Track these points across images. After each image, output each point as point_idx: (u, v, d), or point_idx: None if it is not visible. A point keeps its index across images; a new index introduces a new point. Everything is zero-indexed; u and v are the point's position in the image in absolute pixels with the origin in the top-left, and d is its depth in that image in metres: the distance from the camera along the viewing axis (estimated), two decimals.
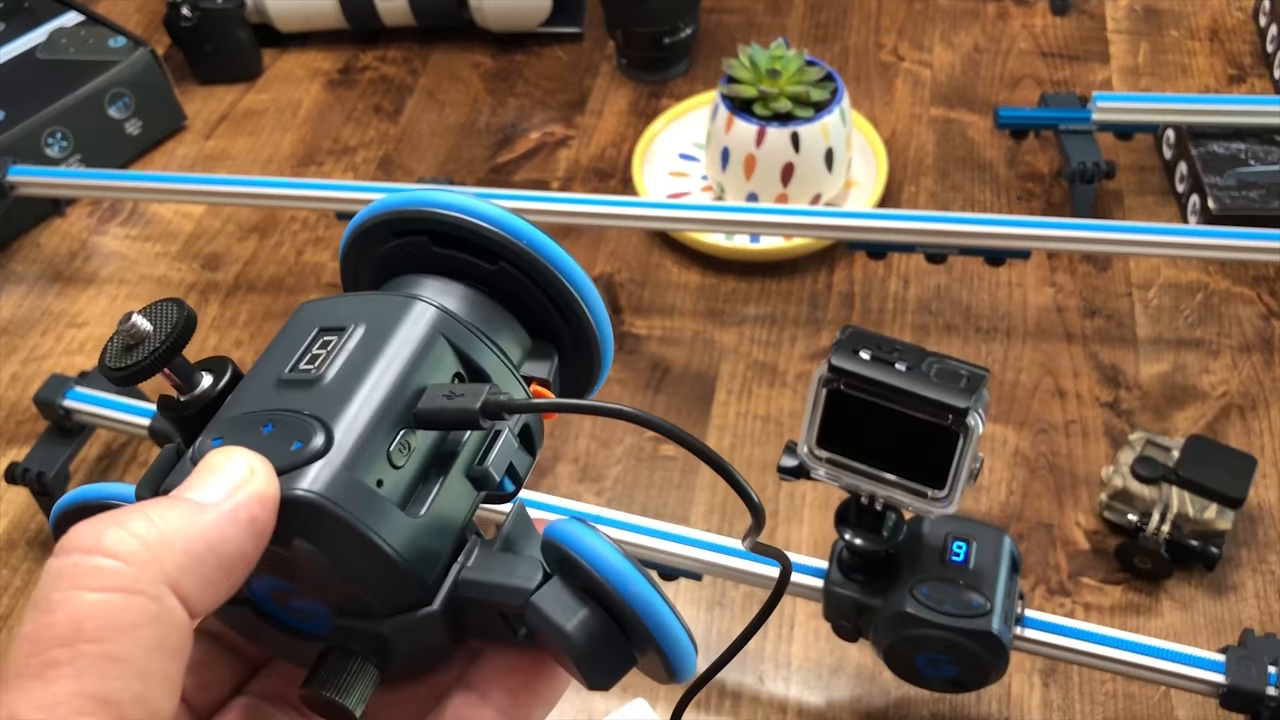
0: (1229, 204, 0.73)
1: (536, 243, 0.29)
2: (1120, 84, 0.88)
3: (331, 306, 0.28)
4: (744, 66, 0.75)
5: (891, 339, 0.42)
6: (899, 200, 0.81)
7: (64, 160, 0.83)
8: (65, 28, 0.88)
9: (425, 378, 0.27)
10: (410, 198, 0.30)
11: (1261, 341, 0.70)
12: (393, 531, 0.24)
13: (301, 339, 0.27)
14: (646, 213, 0.71)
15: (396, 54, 0.96)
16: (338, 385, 0.26)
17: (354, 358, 0.26)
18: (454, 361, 0.28)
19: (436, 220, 0.29)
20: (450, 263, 0.30)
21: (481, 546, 0.27)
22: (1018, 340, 0.71)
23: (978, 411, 0.40)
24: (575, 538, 0.25)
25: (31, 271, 0.81)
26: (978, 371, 0.41)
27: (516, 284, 0.30)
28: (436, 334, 0.27)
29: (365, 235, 0.31)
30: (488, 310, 0.30)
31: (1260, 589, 0.59)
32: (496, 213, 0.29)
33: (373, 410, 0.25)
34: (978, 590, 0.46)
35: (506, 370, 0.29)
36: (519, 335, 0.30)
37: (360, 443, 0.25)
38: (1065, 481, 0.64)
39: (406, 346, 0.27)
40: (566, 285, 0.30)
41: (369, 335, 0.27)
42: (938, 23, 0.95)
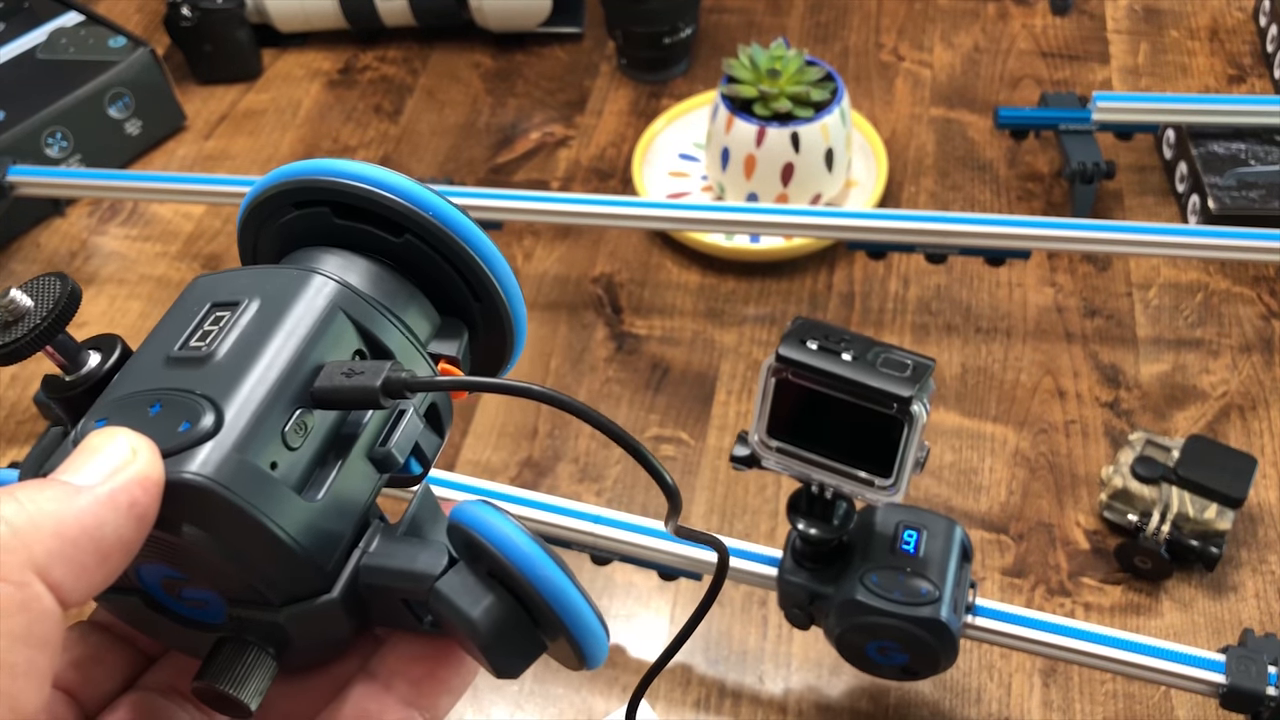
0: (1229, 204, 0.73)
1: (443, 214, 0.28)
2: (1120, 84, 0.88)
3: (226, 280, 0.27)
4: (744, 66, 0.75)
5: (840, 329, 0.43)
6: (899, 200, 0.81)
7: (64, 160, 0.83)
8: (65, 28, 0.88)
9: (324, 355, 0.25)
10: (310, 166, 0.28)
11: (1261, 341, 0.70)
12: (287, 516, 0.23)
13: (193, 314, 0.26)
14: (646, 213, 0.71)
15: (396, 54, 0.96)
16: (230, 363, 0.24)
17: (248, 334, 0.25)
18: (355, 338, 0.26)
19: (337, 190, 0.28)
20: (353, 235, 0.28)
21: (384, 531, 0.26)
22: (1018, 340, 0.71)
23: (922, 400, 0.41)
24: (481, 521, 0.24)
25: (31, 271, 0.81)
26: (924, 361, 0.41)
27: (423, 258, 0.28)
28: (336, 309, 0.26)
29: (263, 206, 0.29)
30: (393, 285, 0.28)
31: (1260, 589, 0.59)
32: (400, 181, 0.28)
33: (267, 389, 0.24)
34: (927, 578, 0.46)
35: (412, 347, 0.27)
36: (426, 311, 0.29)
37: (253, 423, 0.23)
38: (1065, 481, 0.64)
39: (304, 322, 0.25)
40: (476, 259, 0.28)
41: (264, 310, 0.25)
42: (938, 23, 0.95)
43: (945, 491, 0.64)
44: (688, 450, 0.67)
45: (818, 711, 0.55)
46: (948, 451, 0.66)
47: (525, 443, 0.68)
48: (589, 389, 0.70)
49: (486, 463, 0.67)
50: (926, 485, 0.64)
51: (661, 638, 0.58)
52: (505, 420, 0.69)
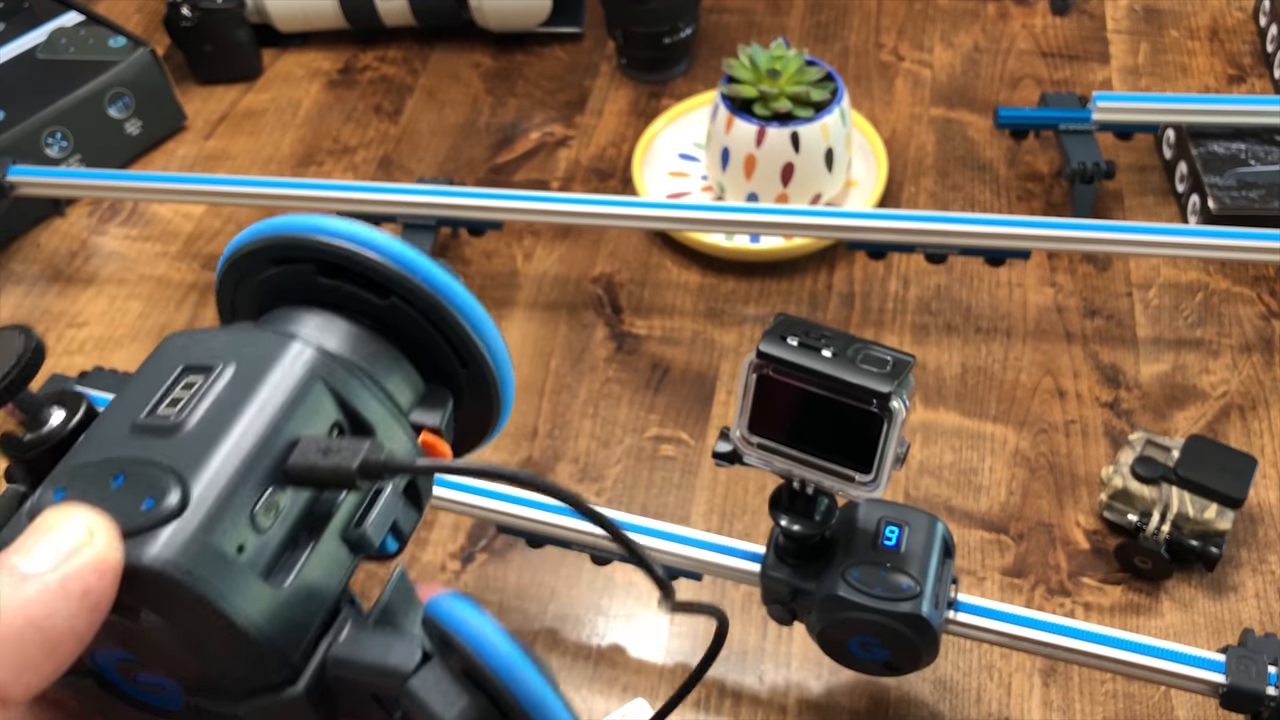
0: (1229, 204, 0.73)
1: (431, 277, 0.27)
2: (1120, 84, 0.88)
3: (200, 341, 0.25)
4: (744, 66, 0.75)
5: (821, 326, 0.43)
6: (899, 200, 0.81)
7: (64, 160, 0.83)
8: (65, 28, 0.88)
9: (300, 428, 0.24)
10: (294, 222, 0.27)
11: (1261, 341, 0.70)
12: (252, 604, 0.22)
13: (163, 377, 0.24)
14: (646, 213, 0.71)
15: (396, 54, 0.96)
16: (199, 435, 0.23)
17: (220, 403, 0.24)
18: (333, 409, 0.25)
19: (321, 248, 0.26)
20: (336, 295, 0.27)
21: (355, 619, 0.24)
22: (1018, 340, 0.71)
23: (902, 396, 0.41)
24: (458, 618, 0.23)
25: (31, 271, 0.81)
26: (903, 358, 0.42)
27: (409, 321, 0.27)
28: (315, 378, 0.25)
29: (244, 260, 0.28)
30: (376, 349, 0.27)
31: (1260, 589, 0.59)
32: (387, 242, 0.27)
33: (237, 465, 0.23)
34: (908, 573, 0.46)
35: (393, 419, 0.26)
36: (410, 378, 0.28)
37: (220, 502, 0.22)
38: (1065, 481, 0.64)
39: (280, 392, 0.24)
40: (464, 324, 0.27)
41: (238, 377, 0.24)
42: (938, 23, 0.95)
43: (945, 491, 0.64)
44: (688, 450, 0.67)
45: (817, 711, 0.55)
46: (947, 451, 0.66)
47: (525, 443, 0.68)
48: (589, 389, 0.70)
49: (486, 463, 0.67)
50: (926, 485, 0.64)
51: (661, 637, 0.58)
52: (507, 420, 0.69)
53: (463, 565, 0.62)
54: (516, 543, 0.61)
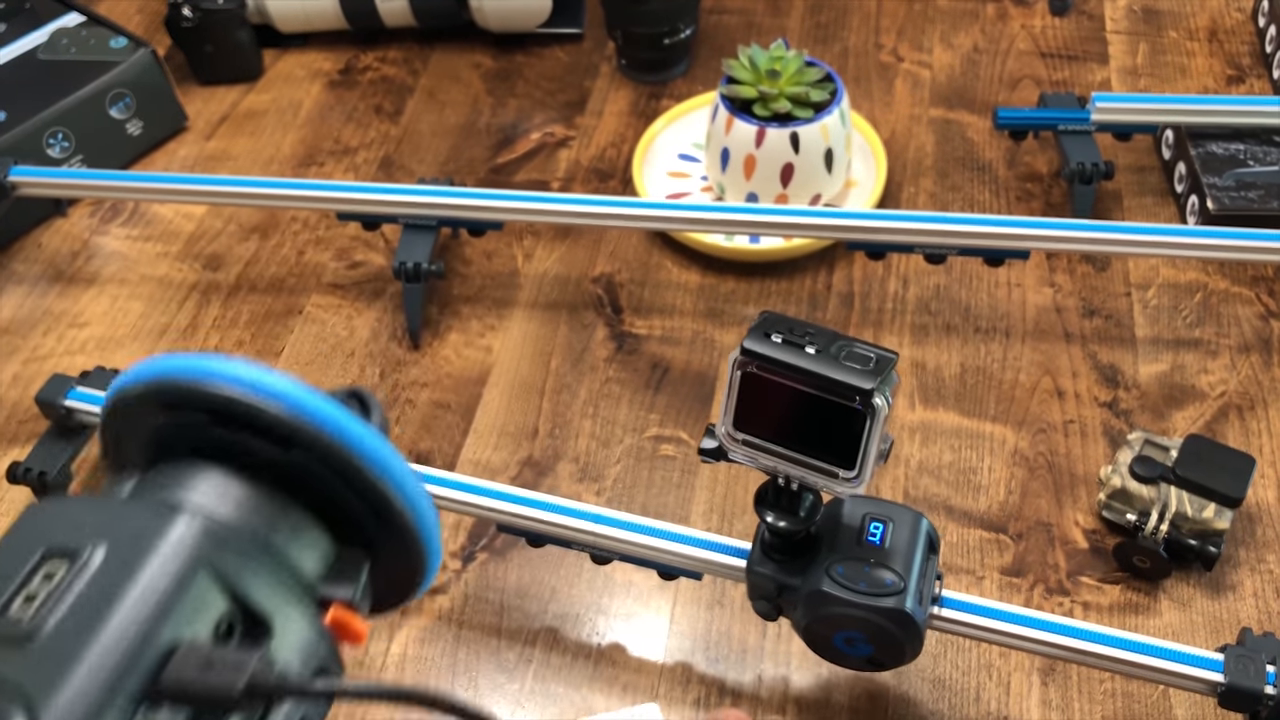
0: (1228, 204, 0.74)
1: (338, 427, 0.24)
2: (1119, 84, 0.88)
3: (67, 516, 0.22)
4: (744, 67, 0.76)
5: (805, 323, 0.43)
6: (898, 201, 0.81)
7: (65, 161, 0.84)
8: (66, 28, 0.89)
9: (179, 628, 0.21)
10: (181, 365, 0.24)
11: (1260, 341, 0.70)
12: None
13: (20, 565, 0.21)
14: (646, 213, 0.71)
15: (397, 54, 0.97)
16: (56, 645, 0.19)
17: (84, 601, 0.20)
18: (221, 601, 0.22)
19: (213, 397, 0.24)
20: (233, 447, 0.24)
21: None
22: (1017, 340, 0.71)
23: (884, 393, 0.41)
24: None
25: (33, 272, 0.81)
26: (887, 355, 0.42)
27: (315, 477, 0.24)
28: (198, 565, 0.21)
29: (127, 407, 0.25)
30: (276, 511, 0.24)
31: (1258, 588, 0.59)
32: (287, 388, 0.24)
33: (101, 682, 0.19)
34: (892, 569, 0.47)
35: (293, 604, 0.23)
36: (318, 542, 0.25)
37: None
38: (1064, 481, 0.64)
39: (157, 586, 0.21)
40: (378, 479, 0.24)
41: (109, 564, 0.21)
42: (937, 23, 0.95)
43: (944, 491, 0.64)
44: (688, 450, 0.67)
45: (816, 710, 0.56)
46: (947, 451, 0.66)
47: (526, 442, 0.68)
48: (589, 389, 0.70)
49: (487, 462, 0.67)
50: (926, 484, 0.64)
51: (661, 636, 0.59)
52: (506, 420, 0.69)
53: (463, 564, 0.62)
54: (517, 542, 0.61)
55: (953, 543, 0.62)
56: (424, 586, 0.27)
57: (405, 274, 0.72)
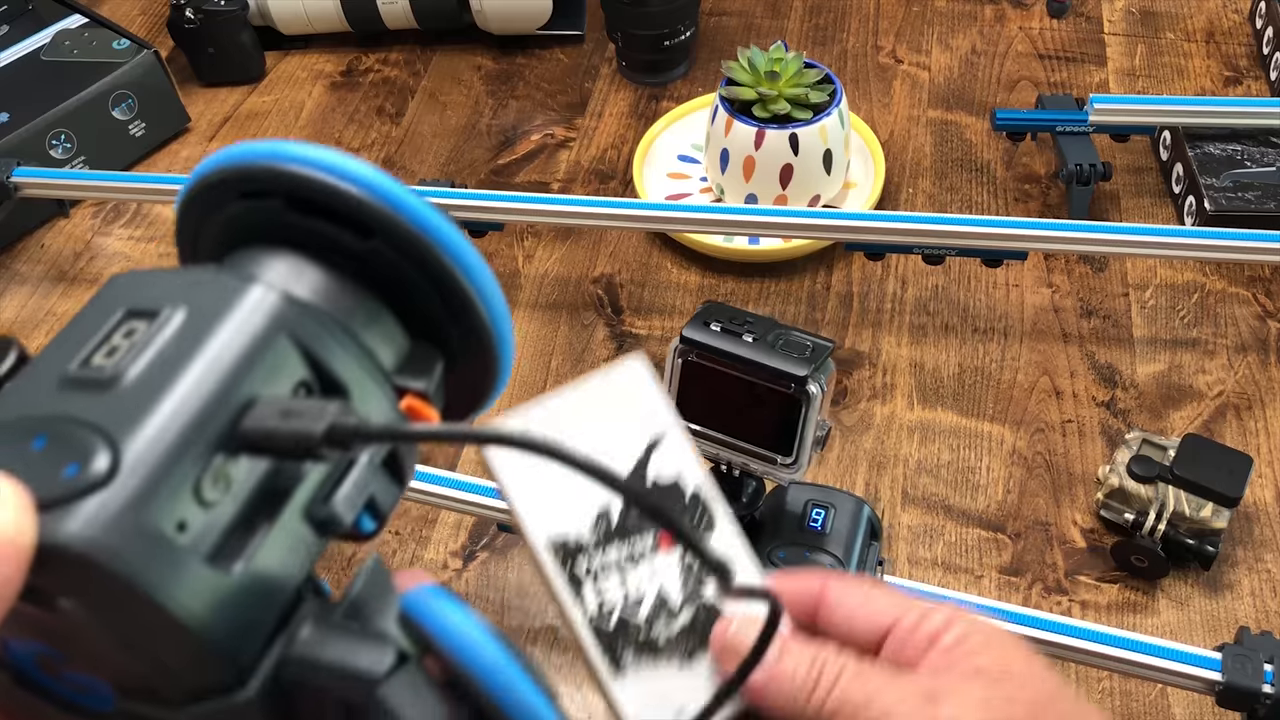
0: (1225, 205, 0.74)
1: (420, 216, 0.23)
2: (1117, 86, 0.89)
3: (148, 282, 0.22)
4: (743, 69, 0.76)
5: (745, 313, 0.44)
6: (897, 202, 0.81)
7: (68, 162, 0.84)
8: (69, 30, 0.89)
9: (258, 386, 0.21)
10: (261, 149, 0.23)
11: (1257, 341, 0.71)
12: (193, 593, 0.19)
13: (101, 323, 0.21)
14: (646, 214, 0.71)
15: (398, 56, 0.97)
16: (138, 390, 0.19)
17: (165, 354, 0.20)
18: (300, 367, 0.22)
19: (292, 179, 0.23)
20: (311, 235, 0.23)
21: (319, 613, 0.21)
22: (1015, 341, 0.72)
23: (819, 380, 0.42)
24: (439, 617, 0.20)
25: (35, 272, 0.81)
26: (823, 343, 0.43)
27: (394, 268, 0.23)
28: (278, 330, 0.21)
29: (205, 194, 0.24)
30: (354, 299, 0.24)
31: (1256, 587, 0.59)
32: (369, 173, 0.23)
33: (180, 426, 0.19)
34: (831, 554, 0.47)
35: (371, 379, 0.23)
36: (392, 334, 0.24)
37: (158, 470, 0.19)
38: (1062, 480, 0.64)
39: (236, 344, 0.21)
40: (458, 273, 0.23)
41: (189, 325, 0.21)
42: (935, 25, 0.95)
43: (942, 490, 0.64)
44: None
45: None
46: (945, 451, 0.66)
47: None
48: None
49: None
50: (924, 484, 0.64)
51: None
52: None
53: (464, 563, 0.62)
54: (518, 541, 0.62)
55: (951, 542, 0.62)
56: (495, 394, 0.26)
57: None
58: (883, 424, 0.67)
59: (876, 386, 0.69)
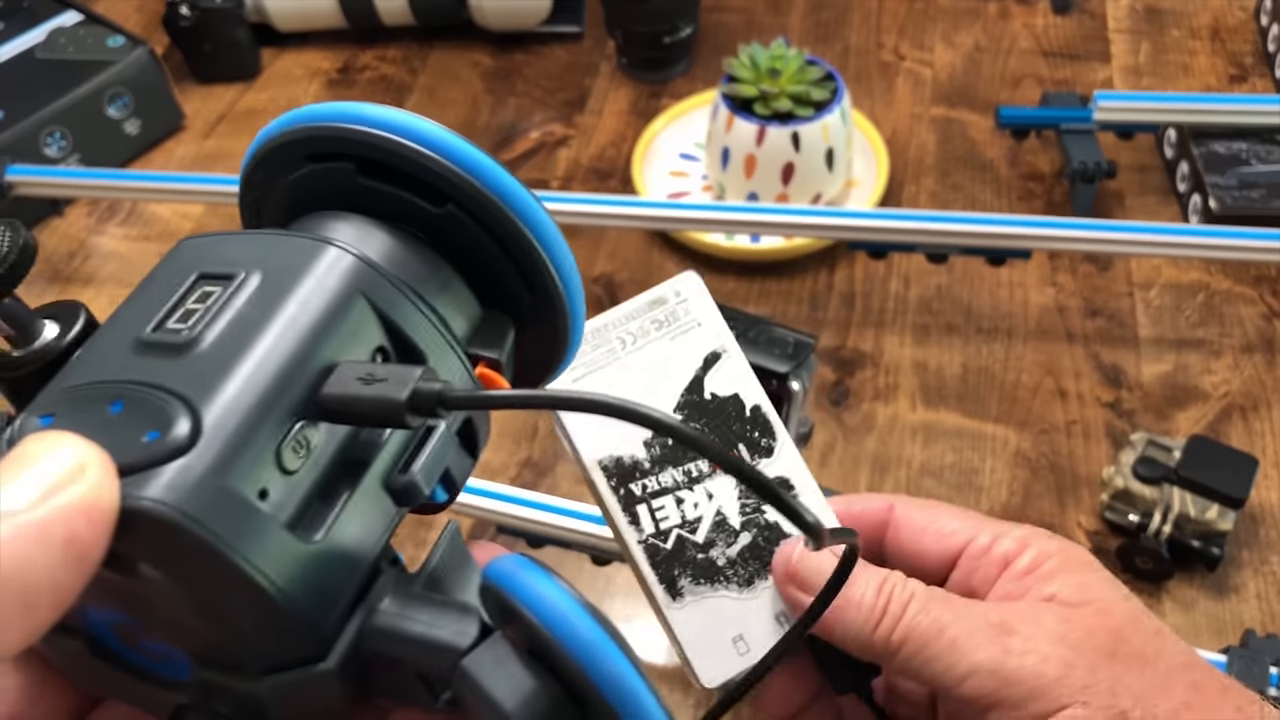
0: (1230, 204, 0.73)
1: (498, 182, 0.22)
2: (1121, 83, 0.88)
3: (220, 246, 0.22)
4: (744, 66, 0.75)
5: (728, 308, 0.44)
6: (900, 200, 0.81)
7: (63, 160, 0.83)
8: (64, 27, 0.88)
9: (337, 351, 0.20)
10: (333, 110, 0.23)
11: (1263, 341, 0.70)
12: (276, 561, 0.18)
13: (175, 287, 0.21)
14: (646, 212, 0.71)
15: (396, 53, 0.96)
16: (216, 354, 0.19)
17: (241, 318, 0.20)
18: (378, 332, 0.21)
19: (364, 142, 0.22)
20: (382, 200, 0.23)
21: (399, 583, 0.21)
22: (1019, 340, 0.71)
23: (801, 377, 0.42)
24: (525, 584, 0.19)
25: (30, 271, 0.80)
26: (805, 340, 0.42)
27: (468, 235, 0.23)
28: (356, 292, 0.21)
29: (273, 155, 0.24)
30: (428, 266, 0.23)
31: (1262, 590, 0.59)
32: (445, 136, 0.22)
33: (260, 392, 0.19)
34: None
35: (447, 346, 0.22)
36: (466, 302, 0.24)
37: (239, 436, 0.18)
38: (1066, 482, 0.64)
39: (313, 307, 0.20)
40: (533, 241, 0.23)
41: (265, 288, 0.20)
42: (939, 22, 0.95)
43: (946, 492, 0.63)
44: None
45: None
46: (949, 452, 0.65)
47: (525, 443, 0.67)
48: None
49: (486, 463, 0.66)
50: (928, 486, 0.64)
51: (662, 638, 0.58)
52: (506, 420, 0.69)
53: None
54: (516, 543, 0.61)
55: None
56: (565, 363, 0.26)
57: None
58: (885, 425, 0.67)
59: (879, 387, 0.69)
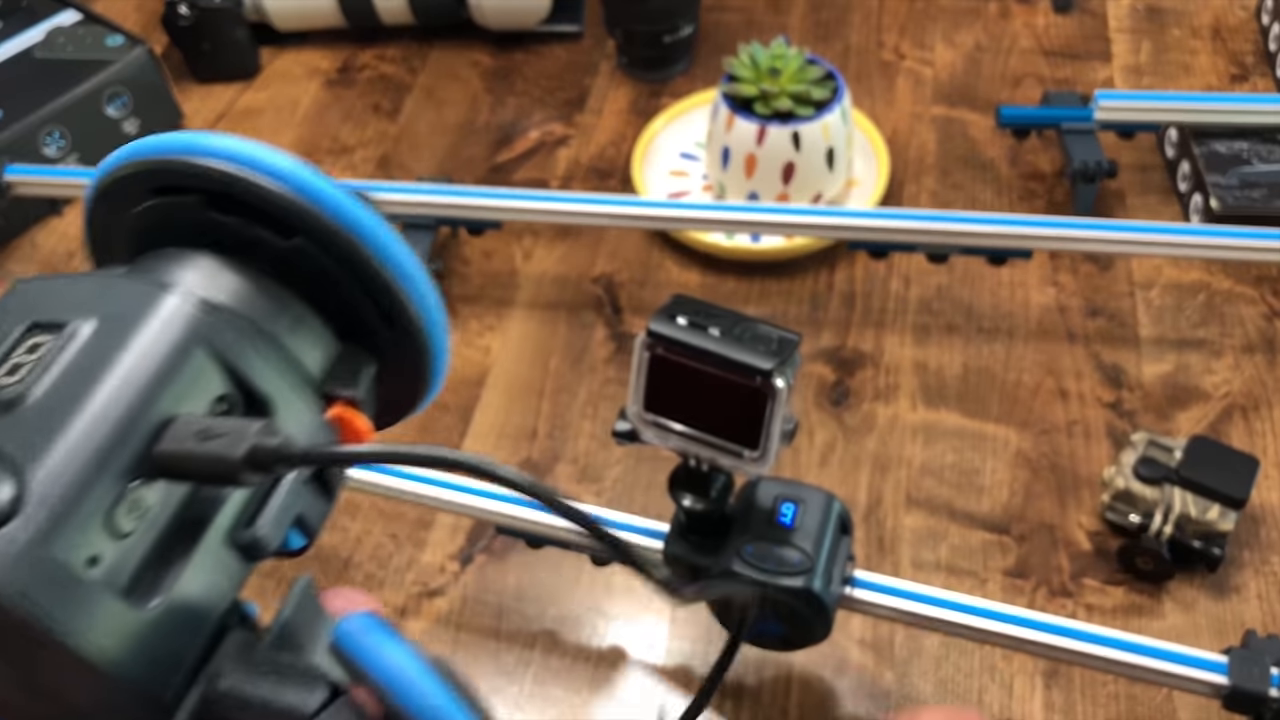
0: (1231, 203, 0.73)
1: (346, 212, 0.22)
2: (1122, 83, 0.88)
3: (54, 291, 0.21)
4: (745, 65, 0.75)
5: (713, 306, 0.44)
6: (900, 199, 0.80)
7: (61, 160, 0.83)
8: (63, 26, 0.88)
9: (174, 404, 0.19)
10: (174, 141, 0.22)
11: (1264, 341, 0.70)
12: (108, 633, 0.18)
13: (3, 335, 0.20)
14: (646, 212, 0.71)
15: (395, 53, 0.96)
16: (43, 411, 0.18)
17: (72, 370, 0.19)
18: (219, 380, 0.20)
19: (207, 174, 0.22)
20: (229, 233, 0.22)
21: (245, 644, 0.20)
22: (1019, 340, 0.71)
23: (785, 374, 0.42)
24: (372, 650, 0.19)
25: (28, 272, 0.80)
26: (789, 337, 0.43)
27: (319, 267, 0.22)
28: (196, 341, 0.20)
29: (116, 188, 0.23)
30: (277, 303, 0.22)
31: (1263, 590, 0.59)
32: (291, 168, 0.22)
33: (91, 451, 0.18)
34: (801, 549, 0.47)
35: (296, 390, 0.22)
36: (320, 337, 0.23)
37: (66, 501, 0.17)
38: (1067, 482, 0.64)
39: (150, 358, 0.19)
40: (388, 272, 0.22)
41: (99, 338, 0.20)
42: (939, 21, 0.95)
43: (947, 492, 0.63)
44: None
45: (817, 712, 0.55)
46: (949, 452, 0.65)
47: (525, 443, 0.67)
48: (589, 389, 0.70)
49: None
50: (929, 486, 0.64)
51: (661, 639, 0.58)
52: (505, 421, 0.69)
53: (461, 567, 0.62)
54: (516, 544, 0.61)
55: (955, 545, 0.61)
56: (429, 397, 0.26)
57: None
58: (886, 425, 0.67)
59: (880, 387, 0.69)
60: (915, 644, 0.57)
